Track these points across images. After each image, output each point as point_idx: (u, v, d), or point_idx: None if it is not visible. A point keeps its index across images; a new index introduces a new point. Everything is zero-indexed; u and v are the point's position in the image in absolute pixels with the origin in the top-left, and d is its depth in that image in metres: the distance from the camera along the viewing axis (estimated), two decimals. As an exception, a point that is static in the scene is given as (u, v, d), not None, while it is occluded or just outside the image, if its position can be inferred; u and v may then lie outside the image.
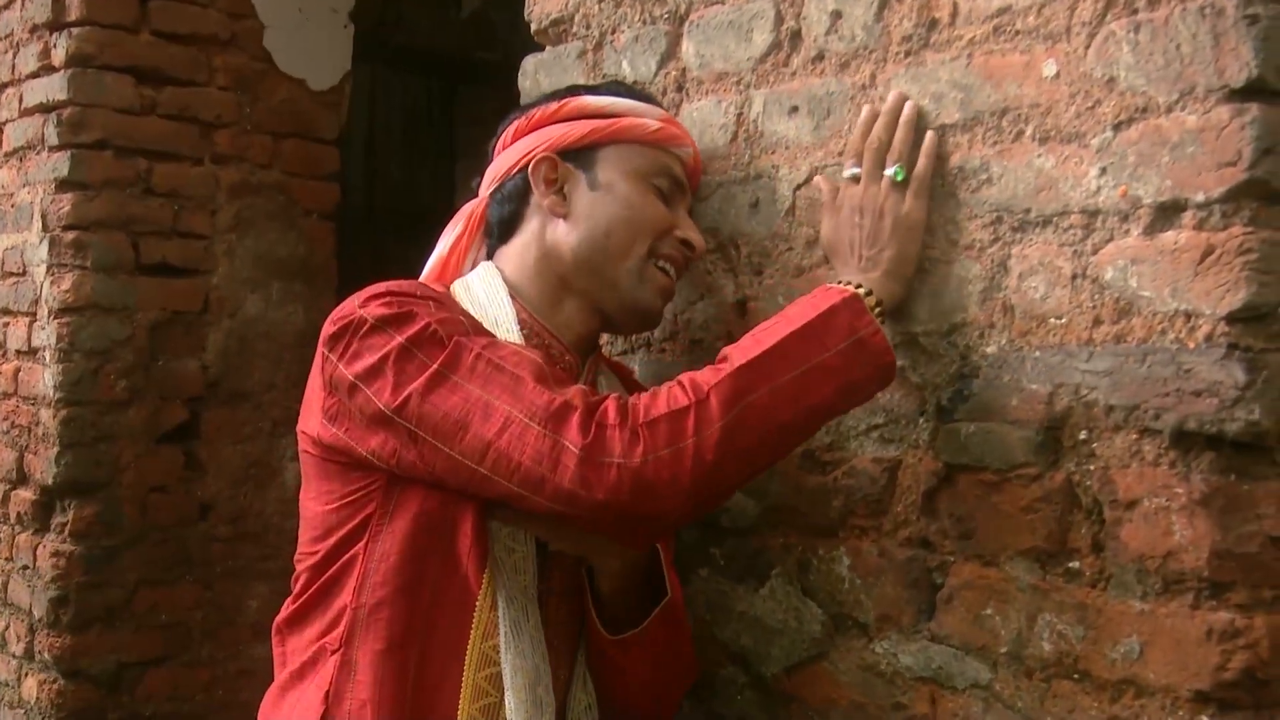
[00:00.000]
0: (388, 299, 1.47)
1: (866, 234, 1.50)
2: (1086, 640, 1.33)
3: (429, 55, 5.28)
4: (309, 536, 1.56)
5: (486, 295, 1.59)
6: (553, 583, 1.56)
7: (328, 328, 1.49)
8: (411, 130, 5.43)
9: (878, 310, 1.45)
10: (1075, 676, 1.34)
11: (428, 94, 5.50)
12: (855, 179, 1.52)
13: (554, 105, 1.64)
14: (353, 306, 1.48)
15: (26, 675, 3.28)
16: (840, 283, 1.47)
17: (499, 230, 1.67)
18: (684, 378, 1.40)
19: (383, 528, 1.49)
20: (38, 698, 3.22)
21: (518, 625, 1.47)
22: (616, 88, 1.69)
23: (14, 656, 3.34)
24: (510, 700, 1.46)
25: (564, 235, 1.60)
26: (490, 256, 1.67)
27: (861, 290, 1.45)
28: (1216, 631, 1.22)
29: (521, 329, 1.56)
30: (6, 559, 3.41)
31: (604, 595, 1.55)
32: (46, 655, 3.19)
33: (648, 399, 1.39)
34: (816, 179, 1.59)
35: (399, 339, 1.43)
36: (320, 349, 1.50)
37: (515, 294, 1.59)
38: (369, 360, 1.44)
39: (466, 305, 1.56)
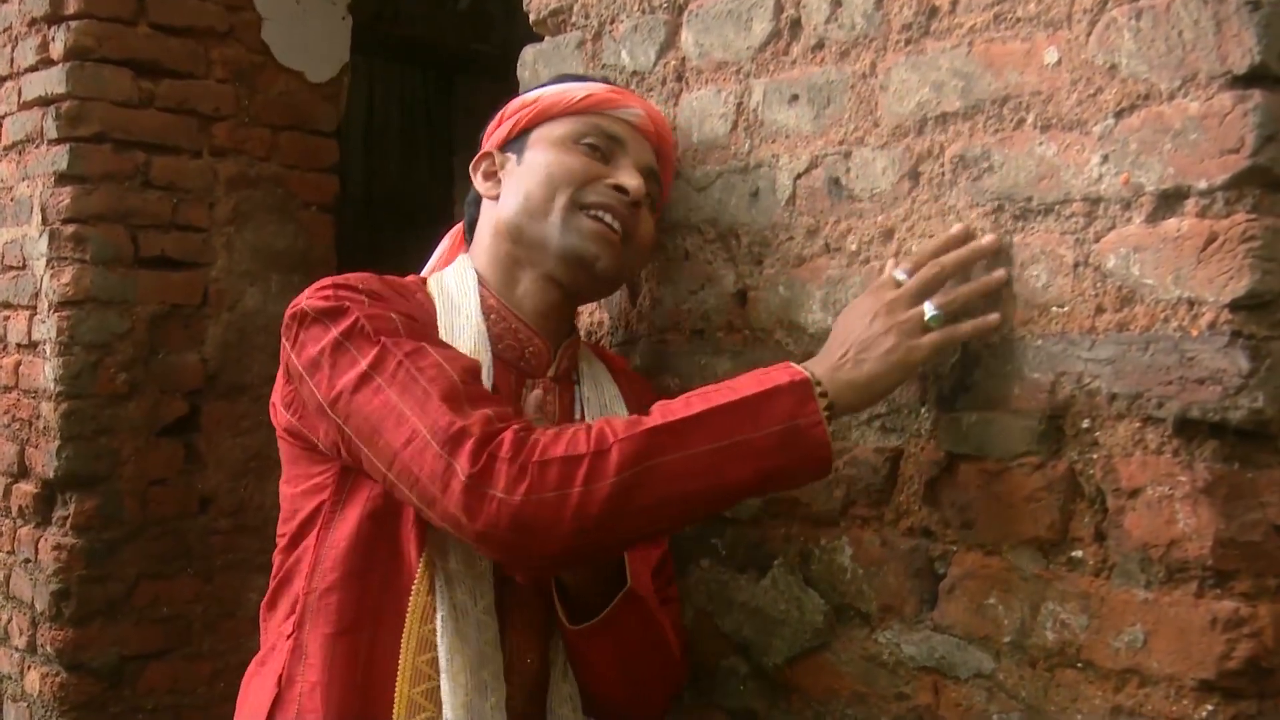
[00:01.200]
0: (327, 291, 1.50)
1: (865, 338, 1.42)
2: (1090, 629, 1.32)
3: (426, 47, 5.27)
4: (281, 519, 1.61)
5: (457, 286, 1.63)
6: None
7: (285, 316, 1.53)
8: (409, 122, 5.43)
9: (826, 408, 1.38)
10: (1079, 666, 1.33)
11: (425, 86, 5.49)
12: (898, 284, 1.44)
13: (499, 114, 1.73)
14: (302, 297, 1.52)
15: (29, 668, 3.28)
16: (803, 366, 1.42)
17: (469, 230, 1.74)
18: (599, 423, 1.39)
19: (335, 514, 1.53)
20: (40, 691, 3.22)
21: (462, 609, 1.47)
22: (559, 79, 1.74)
23: (16, 650, 3.35)
24: (445, 684, 1.45)
25: (499, 212, 1.65)
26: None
27: (816, 383, 1.39)
28: (1220, 620, 1.22)
29: (488, 314, 1.60)
30: (8, 552, 3.41)
31: (567, 584, 1.55)
32: (49, 648, 3.20)
33: (551, 436, 1.37)
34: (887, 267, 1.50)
35: (334, 332, 1.46)
36: (282, 336, 1.54)
37: (483, 282, 1.64)
38: (311, 351, 1.47)
39: (437, 296, 1.60)
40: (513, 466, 1.34)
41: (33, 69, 3.29)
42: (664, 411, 1.39)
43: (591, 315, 1.93)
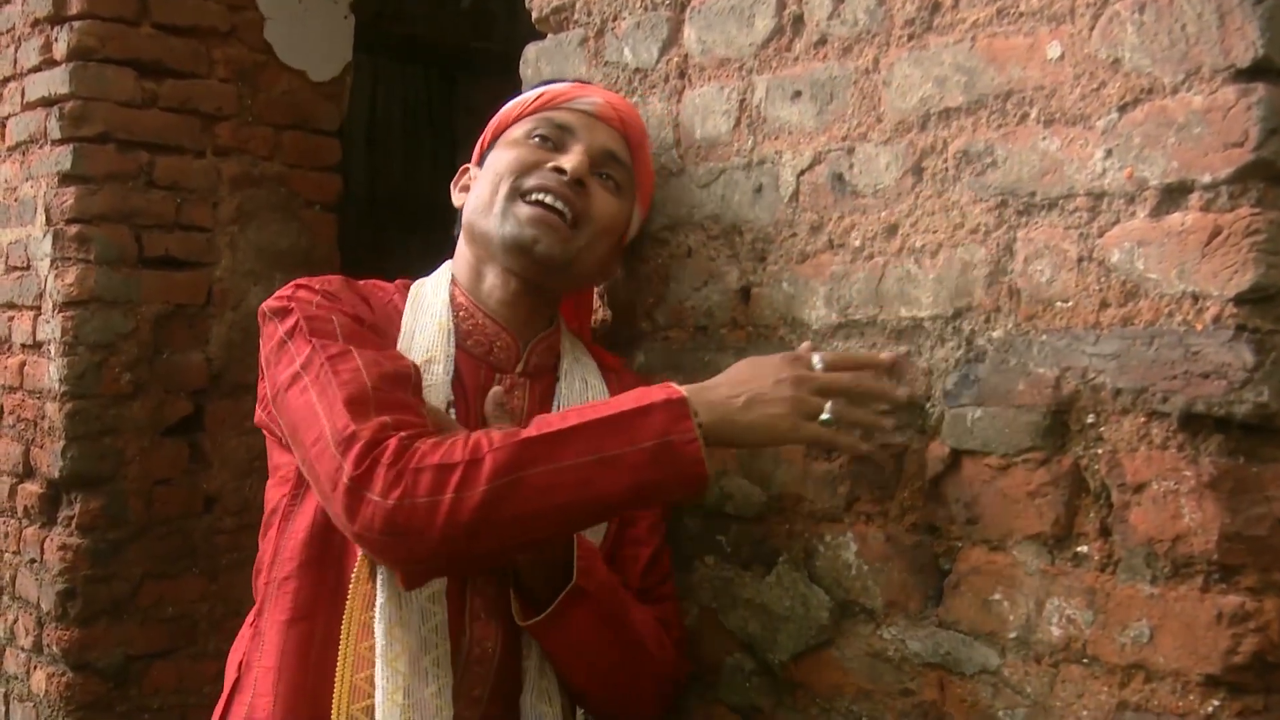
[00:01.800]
0: (285, 292, 1.58)
1: (763, 393, 1.46)
2: (1095, 625, 1.32)
3: (428, 46, 5.27)
4: (265, 512, 1.67)
5: (432, 288, 1.69)
6: None
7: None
8: (411, 121, 5.43)
9: (698, 424, 1.42)
10: (1084, 661, 1.33)
11: (427, 85, 5.49)
12: (807, 364, 1.50)
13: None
14: (270, 298, 1.61)
15: (35, 668, 3.29)
16: (684, 389, 1.46)
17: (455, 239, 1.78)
18: (479, 433, 1.43)
19: (295, 505, 1.59)
20: (46, 691, 3.23)
21: (405, 596, 1.49)
22: (537, 85, 1.79)
23: (22, 650, 3.35)
24: (380, 670, 1.47)
25: (463, 216, 1.71)
26: None
27: (692, 405, 1.43)
28: (1226, 615, 1.22)
29: (456, 312, 1.66)
30: (14, 552, 3.41)
31: (524, 579, 1.56)
32: (54, 648, 3.20)
33: (430, 445, 1.41)
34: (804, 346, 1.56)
35: (280, 331, 1.54)
36: None
37: (456, 282, 1.70)
38: (264, 349, 1.57)
39: (411, 299, 1.67)
40: (390, 471, 1.38)
41: (36, 69, 3.29)
42: (541, 424, 1.43)
43: (595, 312, 1.93)
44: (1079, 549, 1.35)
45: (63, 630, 3.18)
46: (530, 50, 2.03)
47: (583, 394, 1.68)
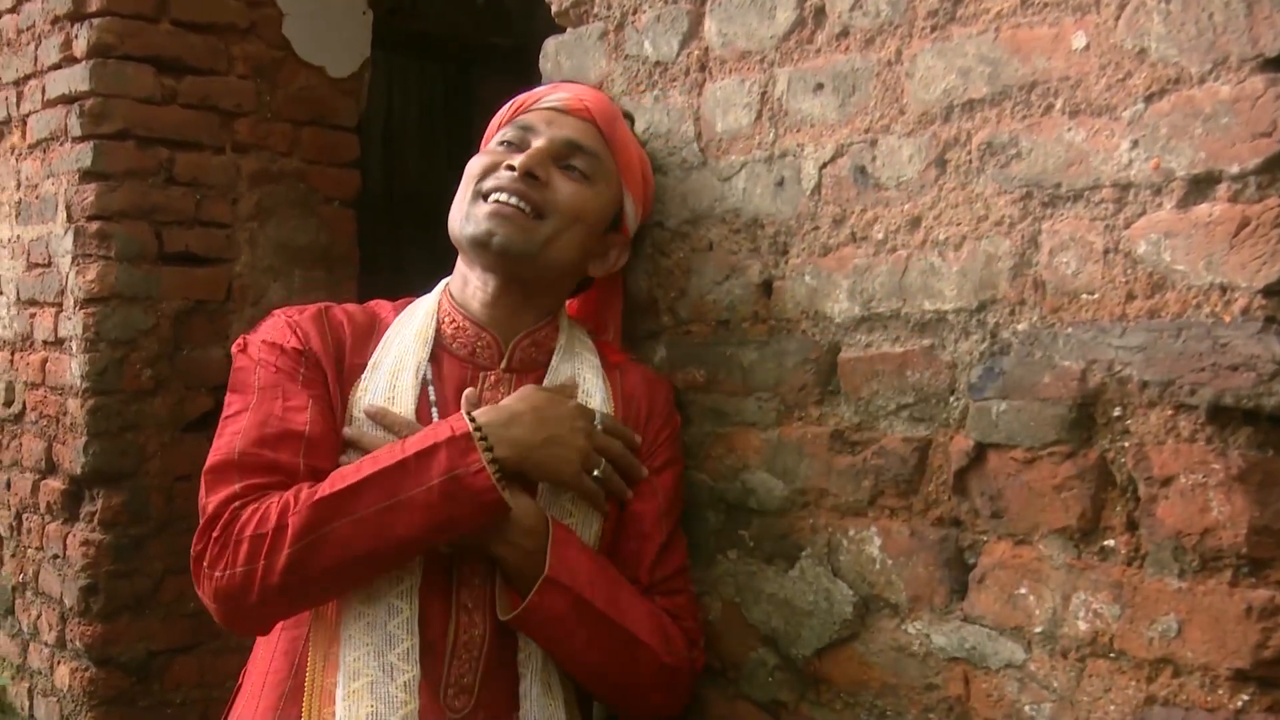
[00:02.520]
0: (243, 336, 1.70)
1: (561, 435, 1.58)
2: (1123, 619, 1.31)
3: (444, 41, 5.27)
4: None
5: (424, 300, 1.77)
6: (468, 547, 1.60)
7: None
8: (427, 117, 5.43)
9: (490, 460, 1.51)
10: (1111, 655, 1.32)
11: (444, 80, 5.49)
12: (591, 418, 1.64)
13: None
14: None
15: (59, 663, 3.30)
16: (468, 417, 1.55)
17: None
18: (290, 493, 1.51)
19: None
20: (70, 686, 3.24)
21: (372, 597, 1.56)
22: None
23: (46, 645, 3.37)
24: (343, 669, 1.53)
25: None
26: None
27: (481, 435, 1.52)
28: (1256, 609, 1.21)
29: (442, 318, 1.72)
30: (37, 548, 3.43)
31: (507, 574, 1.59)
32: (78, 643, 3.21)
33: (250, 513, 1.50)
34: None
35: (231, 372, 1.68)
36: None
37: (448, 290, 1.76)
38: None
39: (405, 313, 1.74)
40: (216, 546, 1.51)
41: (56, 67, 3.30)
42: (335, 479, 1.51)
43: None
44: (1106, 543, 1.34)
45: (85, 625, 3.20)
46: (550, 44, 2.02)
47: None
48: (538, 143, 1.69)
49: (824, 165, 1.62)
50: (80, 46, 3.21)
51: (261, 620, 1.57)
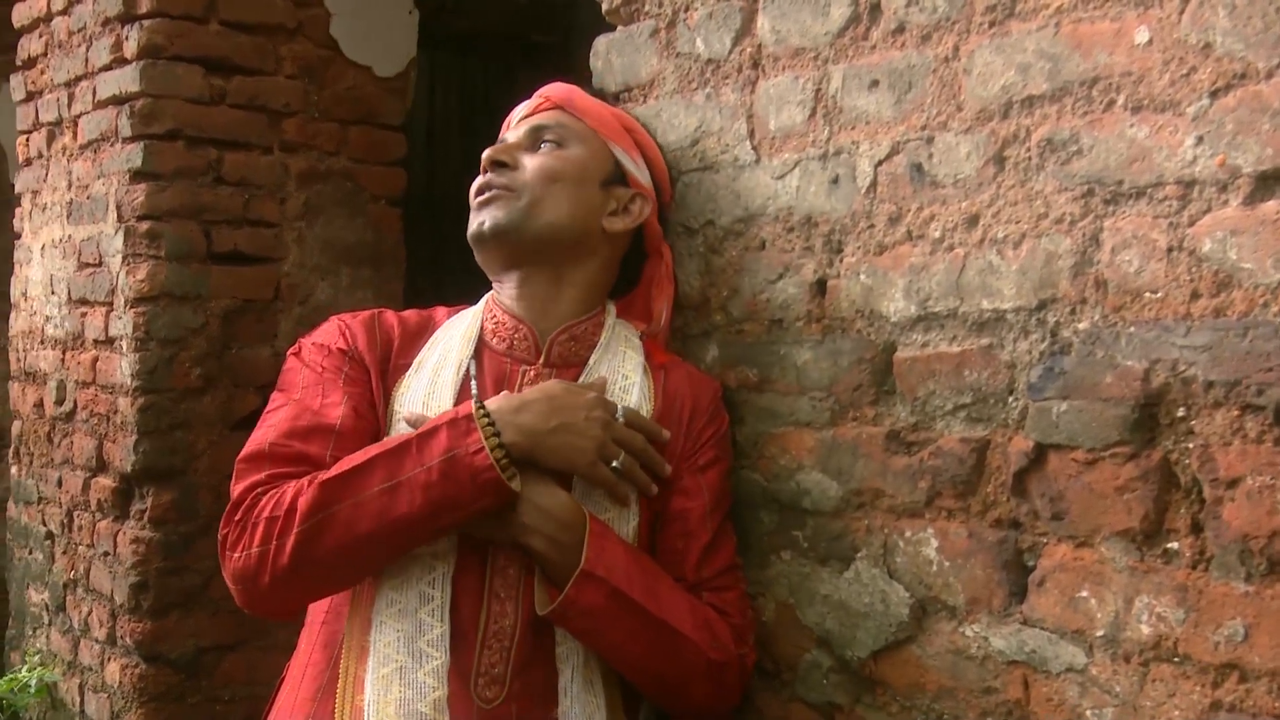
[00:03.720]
0: (300, 341, 1.77)
1: (574, 423, 1.59)
2: (1187, 623, 1.29)
3: (487, 39, 5.27)
4: None
5: (477, 304, 1.81)
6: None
7: None
8: (469, 114, 5.43)
9: (498, 445, 1.53)
10: (1175, 660, 1.30)
11: (485, 78, 5.49)
12: (613, 410, 1.64)
13: None
14: None
15: (109, 660, 3.33)
16: (476, 403, 1.57)
17: None
18: (307, 479, 1.55)
19: None
20: (120, 681, 3.27)
21: (404, 584, 1.58)
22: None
23: (97, 641, 3.39)
24: (372, 655, 1.55)
25: None
26: None
27: (487, 420, 1.54)
28: (1326, 613, 1.19)
29: (487, 315, 1.77)
30: (88, 546, 3.46)
31: (544, 568, 1.60)
32: (128, 640, 3.24)
33: (271, 497, 1.55)
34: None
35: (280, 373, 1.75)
36: None
37: (495, 293, 1.80)
38: None
39: (456, 316, 1.79)
40: (236, 529, 1.56)
41: (107, 68, 3.32)
42: (342, 463, 1.55)
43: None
44: (1169, 545, 1.32)
45: (135, 622, 3.22)
46: (600, 43, 2.02)
47: (610, 387, 1.70)
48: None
49: (879, 163, 1.60)
50: (130, 48, 3.23)
51: (276, 602, 1.59)
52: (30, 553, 3.82)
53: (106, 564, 3.35)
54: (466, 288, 1.93)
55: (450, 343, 1.73)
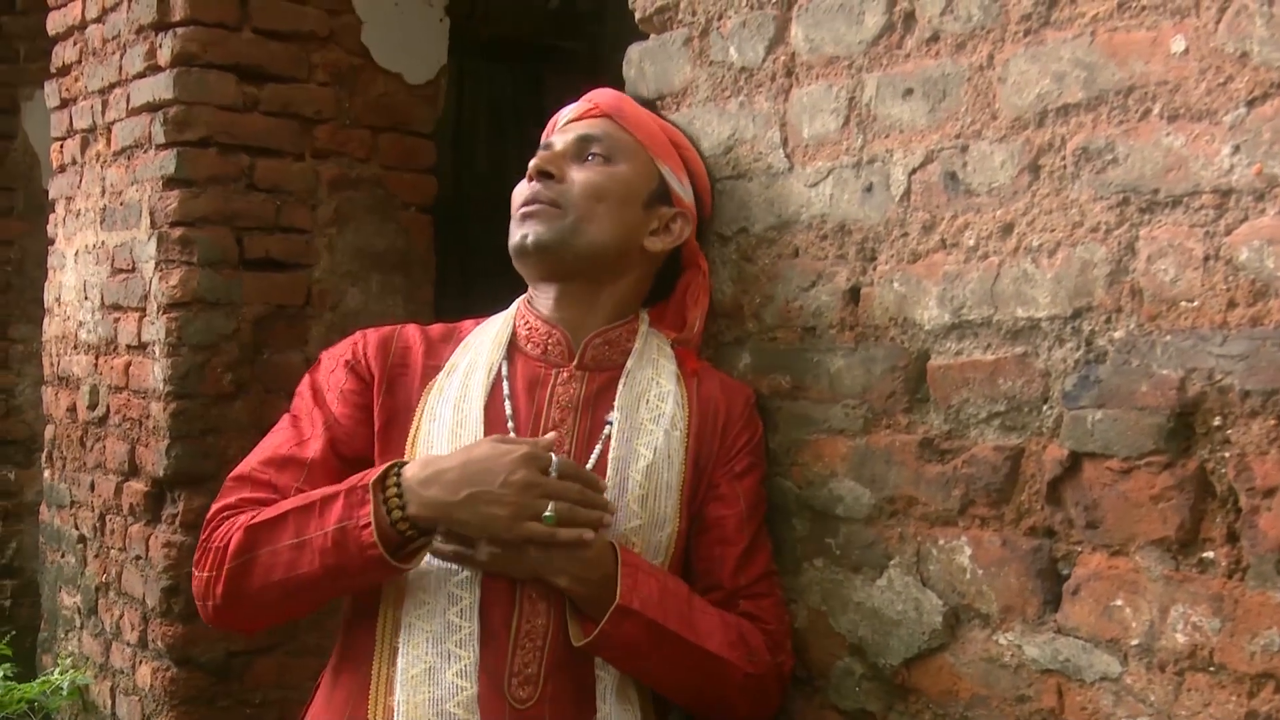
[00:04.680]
0: (321, 355, 1.81)
1: (489, 491, 1.53)
2: (1223, 632, 1.29)
3: (515, 45, 5.29)
4: None
5: (504, 311, 1.81)
6: None
7: None
8: (498, 120, 5.45)
9: (402, 519, 1.53)
10: (1211, 669, 1.30)
11: (513, 84, 5.51)
12: (544, 465, 1.56)
13: None
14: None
15: (141, 663, 3.35)
16: (392, 469, 1.57)
17: None
18: (250, 514, 1.61)
19: None
20: (151, 685, 3.29)
21: (433, 585, 1.59)
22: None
23: (128, 645, 3.42)
24: (404, 649, 1.57)
25: None
26: None
27: (396, 492, 1.54)
28: (1365, 624, 1.18)
29: (518, 322, 1.77)
30: (120, 549, 3.48)
31: (576, 599, 1.59)
32: (159, 644, 3.26)
33: (225, 525, 1.62)
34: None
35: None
36: None
37: (528, 299, 1.81)
38: None
39: (483, 325, 1.79)
40: (200, 549, 1.64)
41: (140, 75, 3.35)
42: (272, 509, 1.60)
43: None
44: (1205, 554, 1.32)
45: (167, 626, 3.24)
46: (634, 51, 2.03)
47: (645, 393, 1.70)
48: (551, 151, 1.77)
49: (913, 171, 1.60)
50: (164, 55, 3.25)
51: (225, 624, 1.67)
52: (62, 556, 3.85)
53: (138, 568, 3.37)
54: (493, 293, 1.94)
55: (481, 346, 1.74)
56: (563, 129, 1.81)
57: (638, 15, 2.01)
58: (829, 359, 1.71)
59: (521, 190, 1.76)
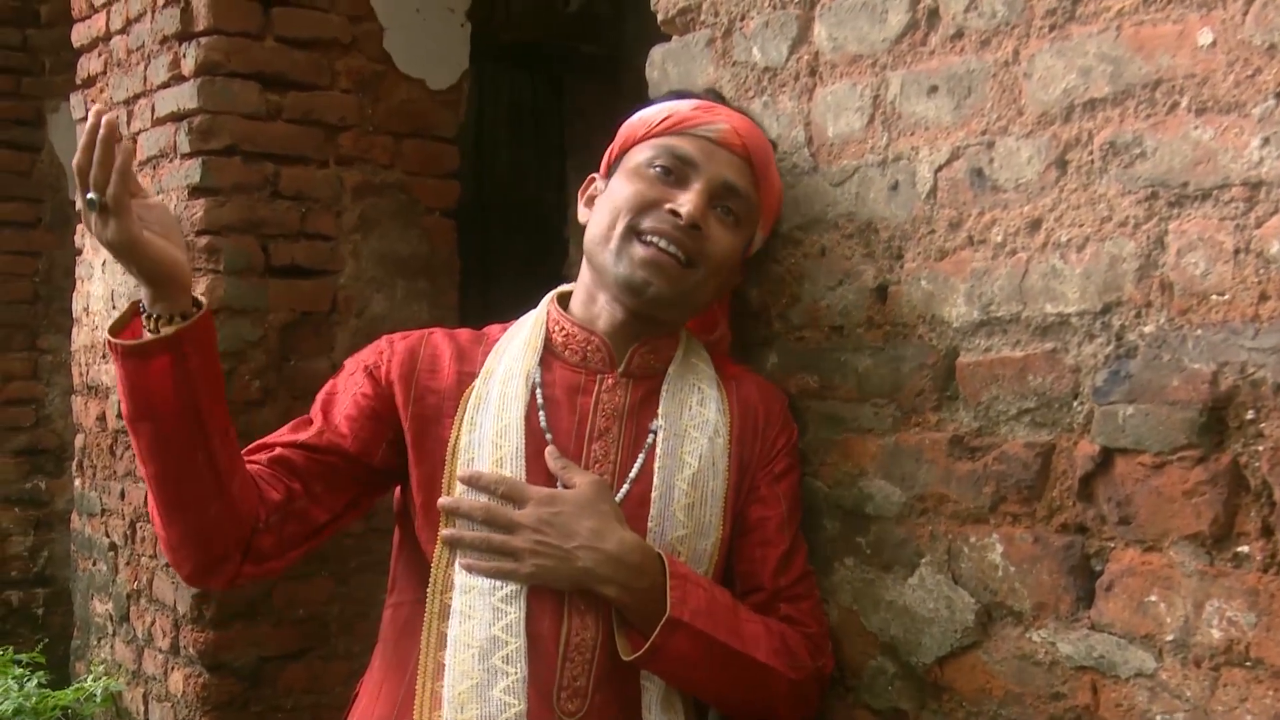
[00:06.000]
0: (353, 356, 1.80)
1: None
2: (1259, 627, 1.28)
3: (534, 50, 5.30)
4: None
5: (531, 315, 1.78)
6: None
7: None
8: (518, 125, 5.46)
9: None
10: (1247, 665, 1.29)
11: (533, 89, 5.52)
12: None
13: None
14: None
15: (173, 669, 3.37)
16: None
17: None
18: None
19: (405, 539, 1.77)
20: (184, 691, 3.31)
21: (478, 600, 1.57)
22: (666, 96, 1.79)
23: (160, 651, 3.44)
24: (448, 675, 1.55)
25: (585, 238, 1.73)
26: None
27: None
28: (1403, 617, 1.17)
29: (551, 327, 1.73)
30: (150, 557, 3.50)
31: (623, 611, 1.59)
32: (191, 650, 3.28)
33: None
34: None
35: None
36: None
37: (560, 300, 1.78)
38: None
39: (511, 330, 1.77)
40: None
41: (165, 85, 3.36)
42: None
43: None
44: (1239, 549, 1.31)
45: (198, 632, 3.26)
46: (656, 53, 2.03)
47: (688, 399, 1.69)
48: (697, 184, 1.65)
49: (939, 168, 1.60)
50: (188, 65, 3.27)
51: (177, 561, 1.65)
52: (94, 564, 3.88)
53: (169, 575, 3.39)
54: (514, 297, 1.93)
55: (514, 352, 1.71)
56: (705, 150, 1.67)
57: (660, 17, 2.01)
58: (857, 358, 1.71)
59: (658, 215, 1.64)
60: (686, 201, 1.63)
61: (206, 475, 1.56)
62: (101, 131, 1.46)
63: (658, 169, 1.67)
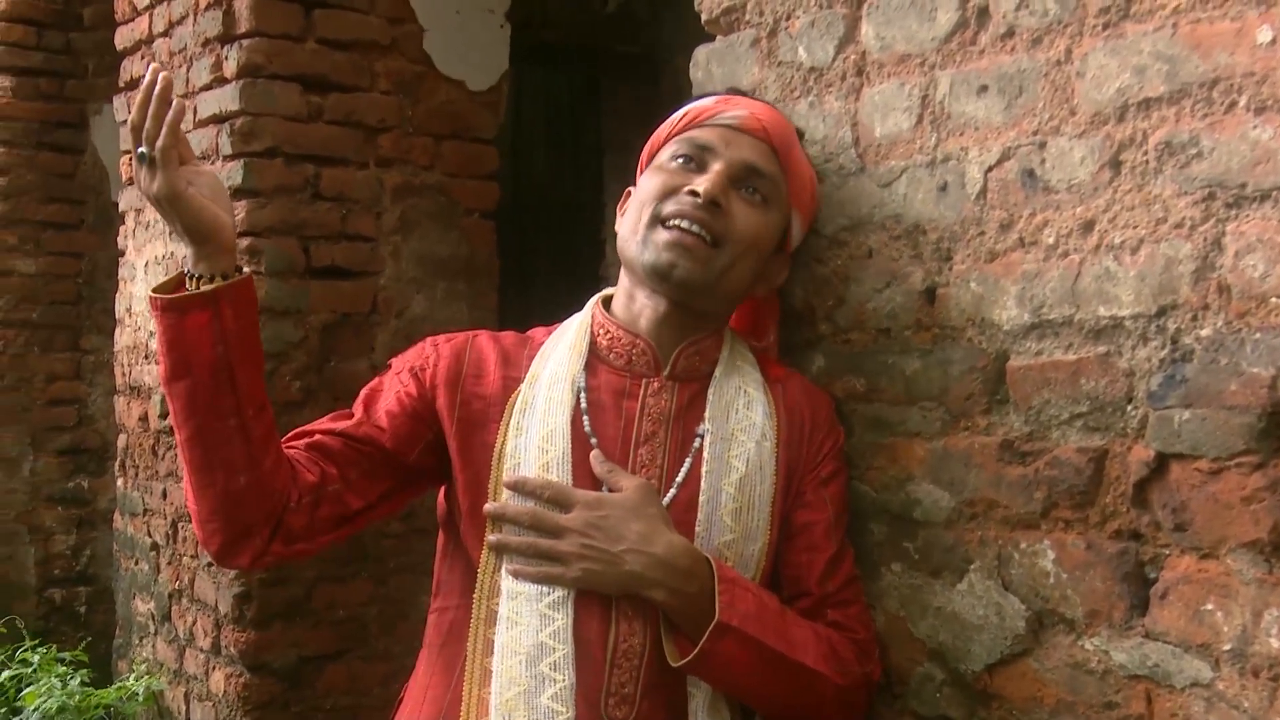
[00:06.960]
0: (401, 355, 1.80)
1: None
2: (1321, 637, 1.26)
3: (572, 50, 5.30)
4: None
5: (576, 318, 1.78)
6: None
7: None
8: (555, 125, 5.46)
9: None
10: (1308, 675, 1.27)
11: (570, 89, 5.52)
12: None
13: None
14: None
15: (214, 669, 3.38)
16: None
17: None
18: None
19: (450, 544, 1.76)
20: (225, 691, 3.32)
21: (527, 608, 1.56)
22: (691, 100, 1.80)
23: (202, 651, 3.45)
24: (497, 672, 1.54)
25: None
26: None
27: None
28: None
29: (595, 331, 1.72)
30: (192, 556, 3.52)
31: (671, 616, 1.58)
32: (232, 650, 3.29)
33: None
34: None
35: None
36: None
37: (603, 302, 1.77)
38: None
39: (556, 333, 1.76)
40: None
41: (207, 88, 3.38)
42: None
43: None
44: (1300, 557, 1.28)
45: (239, 632, 3.27)
46: (700, 53, 2.01)
47: (734, 402, 1.68)
48: (716, 165, 1.65)
49: (989, 169, 1.58)
50: (230, 67, 3.29)
51: (209, 542, 1.64)
52: (136, 563, 3.90)
53: (210, 575, 3.40)
54: (553, 298, 1.92)
55: (559, 357, 1.70)
56: (724, 136, 1.68)
57: (704, 17, 1.99)
58: (904, 361, 1.69)
59: (678, 199, 1.64)
60: (705, 179, 1.64)
61: (238, 443, 1.57)
62: (159, 86, 1.53)
63: (680, 160, 1.69)
